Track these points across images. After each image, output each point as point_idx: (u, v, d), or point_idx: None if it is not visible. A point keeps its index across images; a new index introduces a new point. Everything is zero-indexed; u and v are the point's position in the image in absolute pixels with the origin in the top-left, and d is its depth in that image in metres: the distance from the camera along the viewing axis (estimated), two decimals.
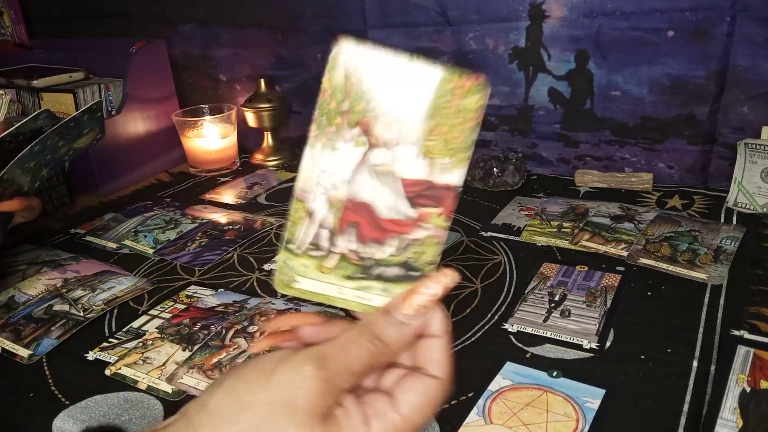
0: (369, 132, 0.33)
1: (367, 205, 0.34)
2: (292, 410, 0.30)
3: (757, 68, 0.84)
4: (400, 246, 0.34)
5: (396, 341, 0.33)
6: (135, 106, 1.14)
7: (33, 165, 0.68)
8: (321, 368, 0.31)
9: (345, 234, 0.34)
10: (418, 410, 0.33)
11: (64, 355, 0.64)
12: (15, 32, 1.37)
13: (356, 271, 0.35)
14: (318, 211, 0.34)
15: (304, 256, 0.35)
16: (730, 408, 0.49)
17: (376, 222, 0.34)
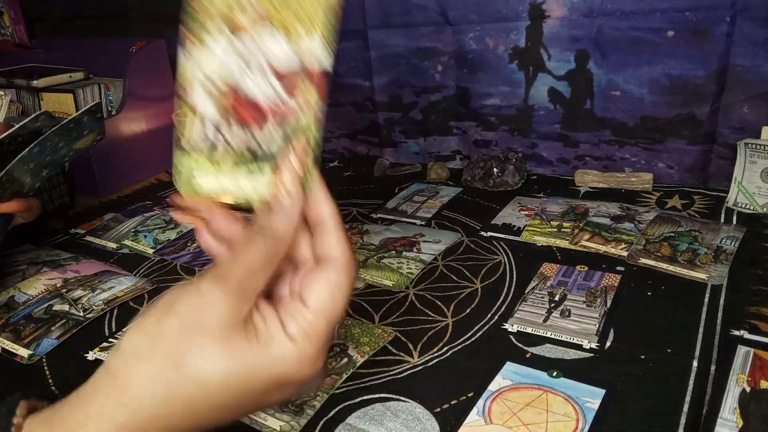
0: (231, 22, 0.35)
1: (242, 91, 0.35)
2: (203, 329, 0.31)
3: (757, 68, 0.84)
4: (277, 121, 0.35)
5: (285, 228, 0.34)
6: (135, 106, 1.14)
7: (32, 166, 0.68)
8: (218, 279, 0.32)
9: (227, 122, 0.36)
10: (325, 300, 0.34)
11: (64, 355, 0.64)
12: (15, 32, 1.37)
13: (243, 157, 0.36)
14: (200, 105, 0.36)
15: (196, 152, 0.36)
16: (730, 408, 0.49)
17: (252, 105, 0.35)
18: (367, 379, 0.57)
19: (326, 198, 0.35)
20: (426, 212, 0.93)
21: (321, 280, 0.34)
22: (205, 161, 0.36)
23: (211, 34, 0.35)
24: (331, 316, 0.34)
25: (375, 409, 0.53)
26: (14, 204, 0.68)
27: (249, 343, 0.31)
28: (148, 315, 0.32)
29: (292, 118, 0.35)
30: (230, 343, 0.31)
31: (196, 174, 0.36)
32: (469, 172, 1.01)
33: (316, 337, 0.33)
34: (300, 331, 0.32)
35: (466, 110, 1.06)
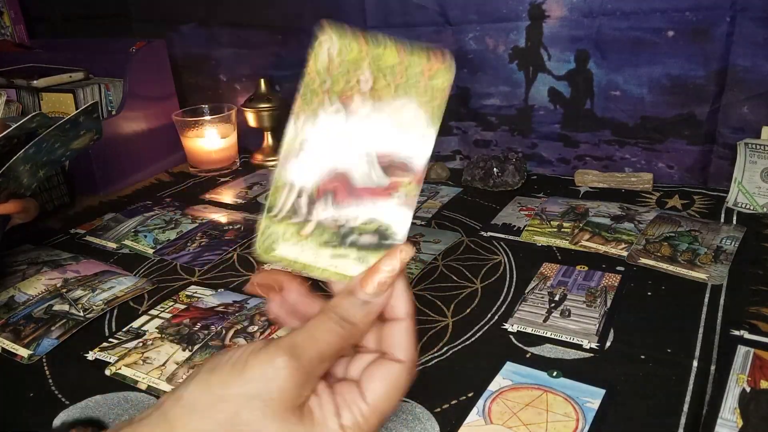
0: (347, 105, 0.35)
1: (343, 174, 0.35)
2: (267, 403, 0.30)
3: (757, 68, 0.84)
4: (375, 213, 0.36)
5: (362, 321, 0.34)
6: (135, 106, 1.14)
7: (29, 167, 0.67)
8: (293, 357, 0.31)
9: (323, 200, 0.36)
10: (383, 397, 0.33)
11: (64, 355, 0.64)
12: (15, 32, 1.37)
13: (332, 238, 0.36)
14: (298, 179, 0.36)
15: (284, 222, 0.36)
16: (730, 408, 0.49)
17: (352, 189, 0.35)
18: None
19: (406, 295, 0.35)
20: (426, 212, 0.93)
21: (383, 377, 0.34)
22: (292, 233, 0.36)
23: (323, 106, 0.35)
24: (385, 414, 0.34)
25: None
26: (11, 205, 0.68)
27: (303, 426, 0.31)
28: (216, 371, 0.32)
29: None
30: (287, 424, 0.31)
31: (279, 243, 0.36)
32: (469, 172, 1.01)
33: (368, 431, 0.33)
34: (354, 424, 0.32)
35: (466, 110, 1.06)
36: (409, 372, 0.35)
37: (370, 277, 0.34)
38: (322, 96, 0.35)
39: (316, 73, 0.35)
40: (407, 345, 0.35)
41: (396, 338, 0.35)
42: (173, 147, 1.19)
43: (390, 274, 0.34)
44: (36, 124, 0.66)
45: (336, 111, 0.35)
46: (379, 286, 0.34)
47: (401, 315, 0.35)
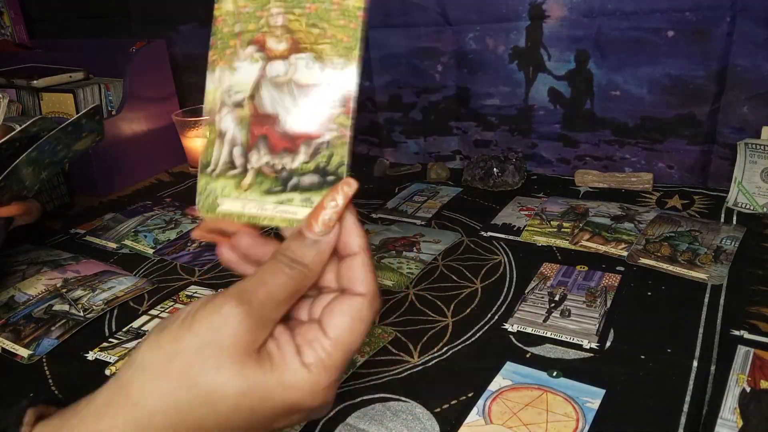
0: (263, 48, 0.35)
1: (272, 117, 0.35)
2: (219, 351, 0.30)
3: (757, 68, 0.84)
4: (310, 152, 0.35)
5: (314, 261, 0.33)
6: (135, 106, 1.14)
7: (31, 169, 0.68)
8: (242, 302, 0.31)
9: (257, 148, 0.35)
10: (346, 331, 0.33)
11: (64, 355, 0.64)
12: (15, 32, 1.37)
13: (274, 185, 0.35)
14: (227, 130, 0.35)
15: (222, 177, 0.36)
16: (730, 408, 0.49)
17: (284, 131, 0.35)
18: (367, 379, 0.57)
19: (358, 229, 0.34)
20: (426, 212, 0.93)
21: (344, 311, 0.33)
22: (232, 187, 0.36)
23: (240, 59, 0.35)
24: (349, 349, 0.33)
25: (375, 409, 0.53)
26: (14, 207, 0.68)
27: (263, 369, 0.31)
28: (165, 330, 0.31)
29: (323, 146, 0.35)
30: (244, 368, 0.30)
31: (221, 199, 0.36)
32: (469, 172, 1.01)
33: (333, 368, 0.32)
34: (317, 360, 0.32)
35: (466, 110, 1.06)
36: (371, 304, 0.34)
37: (316, 216, 0.34)
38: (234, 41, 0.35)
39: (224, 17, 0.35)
40: (365, 277, 0.34)
41: (353, 272, 0.34)
42: (173, 147, 1.19)
43: (335, 210, 0.33)
44: (38, 128, 0.67)
45: (252, 54, 0.35)
46: (325, 224, 0.33)
47: (355, 249, 0.34)
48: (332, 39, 0.33)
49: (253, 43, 0.35)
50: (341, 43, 0.33)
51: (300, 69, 0.34)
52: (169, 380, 0.30)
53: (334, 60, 0.34)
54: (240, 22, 0.35)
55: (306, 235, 0.34)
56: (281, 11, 0.34)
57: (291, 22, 0.34)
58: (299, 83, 0.34)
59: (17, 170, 0.65)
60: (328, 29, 0.34)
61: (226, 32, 0.35)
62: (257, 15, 0.34)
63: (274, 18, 0.34)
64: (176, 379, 0.30)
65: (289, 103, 0.35)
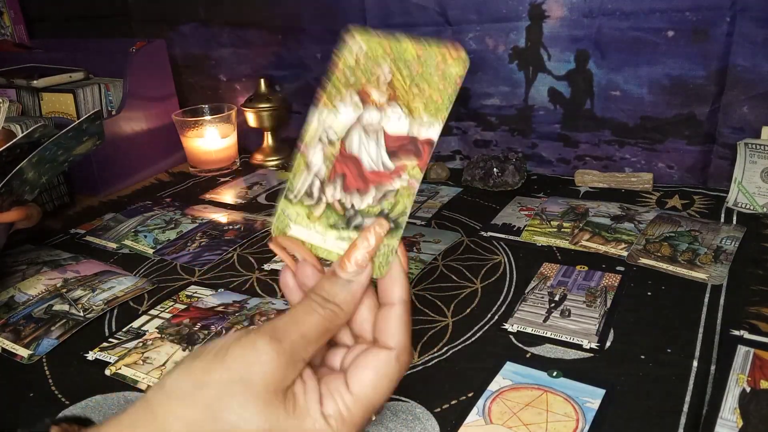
0: (365, 97, 0.37)
1: (354, 158, 0.37)
2: (249, 387, 0.30)
3: (757, 68, 0.84)
4: (378, 195, 0.37)
5: (345, 301, 0.34)
6: (135, 106, 1.14)
7: (31, 175, 0.68)
8: (275, 340, 0.31)
9: (333, 183, 0.38)
10: (369, 386, 0.33)
11: (64, 355, 0.64)
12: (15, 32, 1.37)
13: (339, 221, 0.37)
14: (314, 163, 0.38)
15: (299, 204, 0.38)
16: (730, 408, 0.49)
17: (361, 173, 0.37)
18: None
19: (402, 280, 0.35)
20: (426, 212, 0.93)
21: (371, 366, 0.33)
22: (304, 215, 0.38)
23: (343, 100, 0.38)
24: (371, 406, 0.33)
25: None
26: (14, 213, 0.68)
27: (286, 412, 0.31)
28: (198, 358, 0.32)
29: (391, 192, 0.36)
30: (269, 408, 0.30)
31: (292, 225, 0.38)
32: (469, 172, 1.01)
33: (351, 424, 0.32)
34: (336, 413, 0.32)
35: (466, 110, 1.06)
36: (400, 360, 0.34)
37: (349, 256, 0.34)
38: (344, 91, 0.38)
39: (343, 71, 0.38)
40: (398, 331, 0.34)
41: (387, 324, 0.34)
42: (173, 147, 1.19)
43: (366, 250, 0.34)
44: (39, 135, 0.67)
45: (354, 103, 0.37)
46: (357, 264, 0.34)
47: (394, 300, 0.35)
48: (427, 98, 0.36)
49: (359, 92, 0.37)
50: (434, 102, 0.36)
51: (391, 119, 0.37)
52: (196, 409, 0.30)
53: (423, 117, 0.36)
54: (354, 77, 0.37)
55: (339, 274, 0.34)
56: (391, 69, 0.37)
57: (396, 80, 0.37)
58: (387, 132, 0.37)
59: (18, 176, 0.65)
60: (426, 89, 0.36)
61: (342, 82, 0.38)
62: (371, 70, 0.37)
63: (384, 74, 0.37)
64: (202, 409, 0.30)
65: (372, 149, 0.37)
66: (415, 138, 0.36)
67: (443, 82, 0.36)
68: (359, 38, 0.37)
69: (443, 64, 0.36)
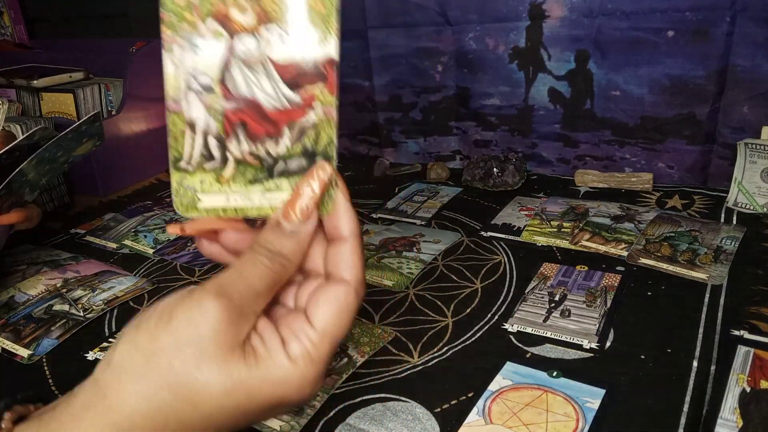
0: (226, 20, 0.30)
1: (248, 100, 0.32)
2: (200, 348, 0.29)
3: (757, 68, 0.84)
4: (295, 135, 0.32)
5: (293, 251, 0.32)
6: (135, 106, 1.14)
7: (31, 177, 0.68)
8: (222, 296, 0.30)
9: (235, 136, 0.32)
10: (331, 320, 0.32)
11: (64, 355, 0.64)
12: (15, 32, 1.37)
13: (259, 173, 0.32)
14: (197, 118, 0.32)
15: (199, 171, 0.33)
16: (730, 408, 0.49)
17: (264, 115, 0.32)
18: (367, 379, 0.57)
19: (349, 213, 0.33)
20: (426, 212, 0.93)
21: (329, 300, 0.32)
22: (212, 180, 0.33)
23: (201, 35, 0.31)
24: (336, 338, 0.32)
25: (375, 409, 0.53)
26: (14, 215, 0.68)
27: (247, 365, 0.30)
28: (141, 328, 0.30)
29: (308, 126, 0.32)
30: (228, 365, 0.29)
31: (201, 195, 0.33)
32: (469, 172, 1.01)
33: (319, 359, 0.31)
34: (303, 352, 0.31)
35: (466, 110, 1.06)
36: (357, 292, 0.33)
37: (292, 204, 0.32)
38: (192, 17, 0.30)
39: None
40: (353, 264, 0.33)
41: (341, 259, 0.33)
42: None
43: (311, 198, 0.32)
44: (39, 137, 0.67)
45: (215, 32, 0.31)
46: (302, 213, 0.32)
47: (345, 234, 0.33)
48: (307, 8, 0.30)
49: (213, 16, 0.30)
50: (316, 11, 0.30)
51: (272, 43, 0.31)
52: (149, 381, 0.29)
53: (311, 32, 0.30)
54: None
55: (284, 225, 0.32)
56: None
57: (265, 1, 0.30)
58: (274, 60, 0.31)
59: (17, 178, 0.65)
60: (308, 5, 0.30)
61: (180, 8, 0.30)
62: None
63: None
64: (156, 379, 0.29)
65: (266, 83, 0.31)
66: (311, 60, 0.31)
67: None
68: None
69: None
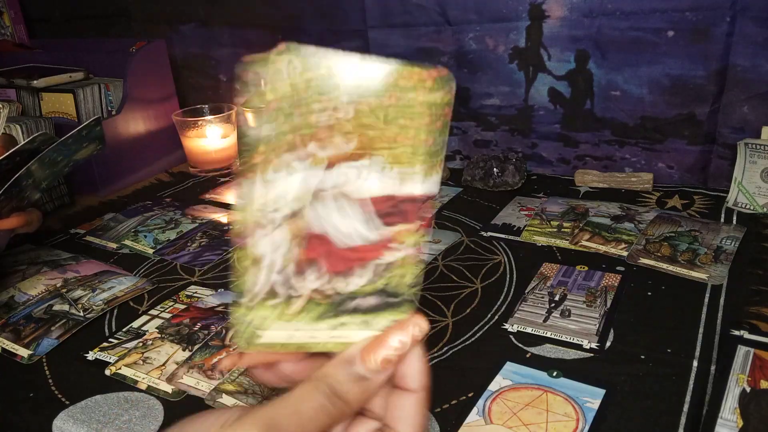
0: (326, 145, 0.26)
1: (321, 237, 0.28)
2: None
3: (757, 68, 0.84)
4: (373, 273, 0.29)
5: (356, 398, 0.28)
6: (135, 106, 1.14)
7: (31, 181, 0.68)
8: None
9: (303, 275, 0.28)
10: None
11: (64, 355, 0.64)
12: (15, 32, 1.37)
13: (327, 310, 0.29)
14: (264, 254, 0.28)
15: (261, 307, 0.29)
16: (730, 408, 0.49)
17: (338, 254, 0.28)
18: None
19: (420, 364, 0.29)
20: None
21: None
22: (274, 317, 0.29)
23: (298, 153, 0.26)
24: None
25: None
26: (15, 219, 0.68)
27: None
28: None
29: (391, 265, 0.29)
30: None
31: (261, 331, 0.29)
32: (469, 172, 1.01)
33: None
34: None
35: (466, 110, 1.06)
36: None
37: (374, 350, 0.28)
38: (291, 137, 0.26)
39: (278, 103, 0.26)
40: (415, 422, 0.29)
41: (403, 412, 0.29)
42: (173, 147, 1.19)
43: (399, 351, 0.28)
44: (39, 142, 0.67)
45: (312, 153, 0.26)
46: (383, 363, 0.28)
47: (412, 386, 0.29)
48: (414, 139, 0.26)
49: (313, 138, 0.26)
50: (421, 146, 0.27)
51: (368, 177, 0.27)
52: None
53: (415, 166, 0.27)
54: (299, 110, 0.26)
55: (355, 367, 0.28)
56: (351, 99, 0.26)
57: (363, 116, 0.26)
58: (364, 195, 0.27)
59: (18, 183, 0.65)
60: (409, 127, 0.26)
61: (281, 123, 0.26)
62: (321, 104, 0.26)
63: (342, 108, 0.26)
64: None
65: (344, 220, 0.28)
66: (407, 197, 0.27)
67: (428, 113, 0.27)
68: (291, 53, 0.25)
69: (423, 90, 0.27)
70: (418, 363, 0.29)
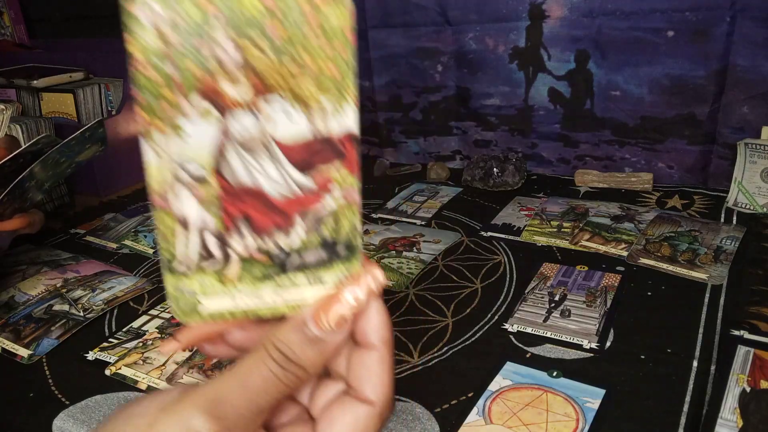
0: (215, 96, 0.24)
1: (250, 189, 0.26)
2: None
3: (757, 68, 0.84)
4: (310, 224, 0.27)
5: (314, 362, 0.25)
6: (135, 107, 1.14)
7: (33, 183, 0.68)
8: (214, 418, 0.24)
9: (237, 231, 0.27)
10: None
11: (64, 355, 0.64)
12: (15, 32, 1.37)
13: (269, 270, 0.27)
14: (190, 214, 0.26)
15: (197, 272, 0.27)
16: (730, 408, 0.49)
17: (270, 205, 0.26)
18: None
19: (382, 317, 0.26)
20: (426, 212, 0.93)
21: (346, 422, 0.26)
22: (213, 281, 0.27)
23: (187, 115, 0.25)
24: None
25: None
26: (17, 221, 0.68)
27: None
28: None
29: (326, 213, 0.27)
30: None
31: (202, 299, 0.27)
32: (469, 172, 1.01)
33: None
34: None
35: (466, 110, 1.06)
36: (382, 416, 0.26)
37: (327, 308, 0.25)
38: (172, 95, 0.24)
39: (144, 58, 0.25)
40: (379, 381, 0.26)
41: (366, 370, 0.26)
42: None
43: (353, 308, 0.26)
44: (41, 146, 0.67)
45: (203, 111, 0.25)
46: (338, 322, 0.25)
47: (373, 341, 0.26)
48: (317, 72, 0.24)
49: (198, 91, 0.24)
50: (329, 76, 0.24)
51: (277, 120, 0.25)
52: None
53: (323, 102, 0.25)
54: (172, 62, 0.24)
55: (310, 329, 0.25)
56: (233, 40, 0.24)
57: (252, 56, 0.24)
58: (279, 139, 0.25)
59: (20, 185, 0.65)
60: (307, 60, 0.24)
61: (153, 79, 0.25)
62: (196, 48, 0.24)
63: (227, 52, 0.24)
64: None
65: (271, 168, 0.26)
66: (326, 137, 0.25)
67: (328, 41, 0.24)
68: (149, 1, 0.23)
69: (314, 14, 0.23)
70: (378, 317, 0.26)
